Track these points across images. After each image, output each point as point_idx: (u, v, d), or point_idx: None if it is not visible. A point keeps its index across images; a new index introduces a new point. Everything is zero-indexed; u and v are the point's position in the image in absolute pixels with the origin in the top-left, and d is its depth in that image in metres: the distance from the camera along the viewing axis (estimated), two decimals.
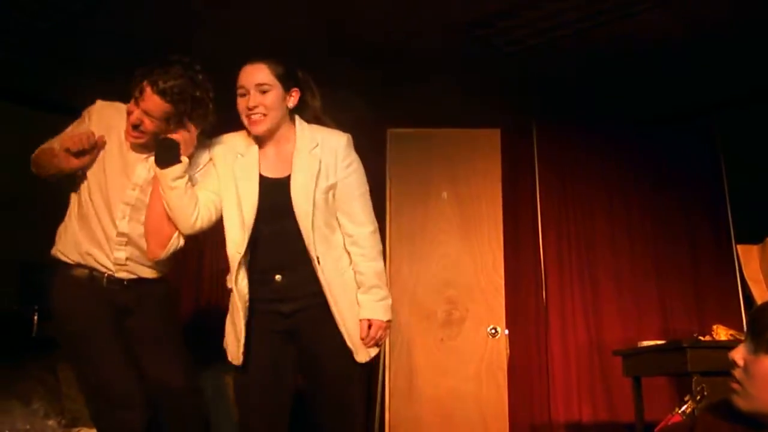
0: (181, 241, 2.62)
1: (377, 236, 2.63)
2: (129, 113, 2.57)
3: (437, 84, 4.85)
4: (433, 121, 5.09)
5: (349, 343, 2.49)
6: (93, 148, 2.62)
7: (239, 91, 2.53)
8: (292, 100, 2.58)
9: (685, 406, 2.72)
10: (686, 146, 5.36)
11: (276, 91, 2.52)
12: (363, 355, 2.52)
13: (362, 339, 2.52)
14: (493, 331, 4.77)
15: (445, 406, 4.67)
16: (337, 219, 2.58)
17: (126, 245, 2.65)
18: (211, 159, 2.65)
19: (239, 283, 2.51)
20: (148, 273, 2.72)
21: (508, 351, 4.82)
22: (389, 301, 2.61)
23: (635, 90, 5.01)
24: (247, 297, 2.51)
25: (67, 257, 2.67)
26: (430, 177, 4.99)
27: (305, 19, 4.07)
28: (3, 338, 4.36)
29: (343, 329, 2.49)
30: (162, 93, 2.47)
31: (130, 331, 2.69)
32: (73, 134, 2.60)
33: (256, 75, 2.52)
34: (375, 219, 2.65)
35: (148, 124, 2.54)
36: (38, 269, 4.63)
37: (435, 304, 4.81)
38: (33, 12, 3.97)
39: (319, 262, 2.48)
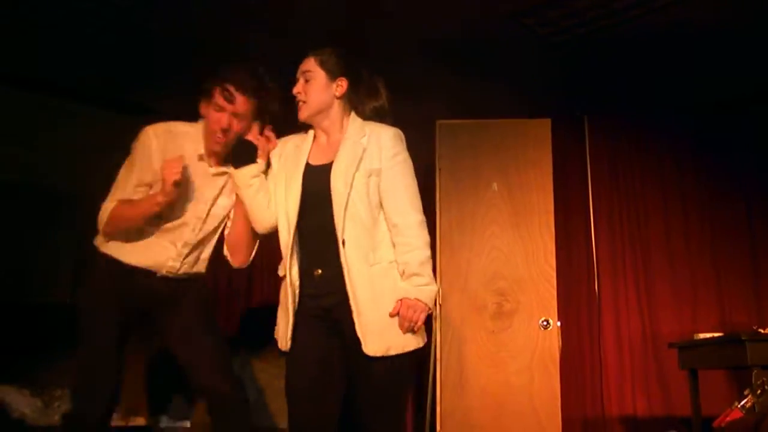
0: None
1: (424, 227, 2.56)
2: (215, 121, 2.66)
3: (486, 74, 4.81)
4: (482, 111, 5.06)
5: (358, 332, 2.42)
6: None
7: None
8: (339, 89, 2.61)
9: (745, 401, 2.66)
10: (744, 136, 5.22)
11: (319, 79, 2.59)
12: (373, 346, 2.42)
13: (393, 316, 2.44)
14: (545, 323, 4.73)
15: (497, 399, 4.65)
16: (383, 212, 2.54)
17: (187, 257, 2.77)
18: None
19: (291, 272, 2.54)
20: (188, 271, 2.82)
21: (560, 343, 4.77)
22: (432, 288, 2.50)
23: (691, 79, 4.89)
24: (297, 285, 2.54)
25: (127, 260, 2.73)
26: (479, 168, 4.95)
27: (351, 10, 4.08)
28: (56, 330, 4.49)
29: (355, 317, 2.43)
30: (245, 90, 2.63)
31: (170, 327, 2.78)
32: (168, 164, 2.59)
33: (304, 64, 2.62)
34: (422, 211, 2.59)
35: (236, 125, 2.67)
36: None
37: (485, 296, 4.79)
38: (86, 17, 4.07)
39: (343, 245, 2.45)
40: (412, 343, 2.49)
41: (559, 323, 4.77)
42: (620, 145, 5.33)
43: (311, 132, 2.67)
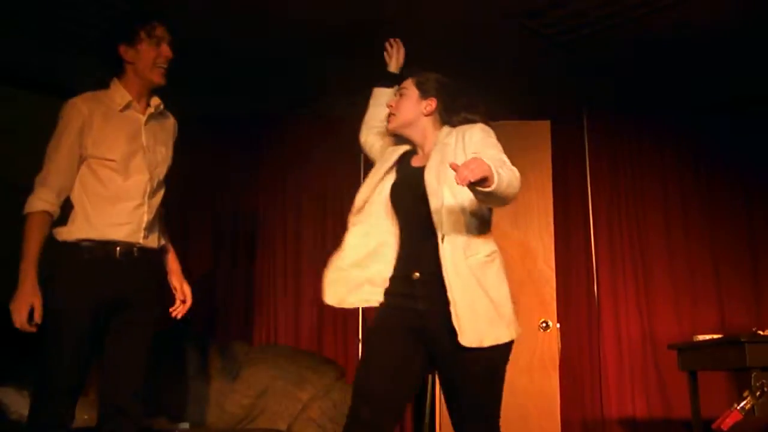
0: None
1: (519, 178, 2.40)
2: (161, 53, 2.80)
3: (487, 75, 4.81)
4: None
5: (454, 323, 2.42)
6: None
7: None
8: (428, 108, 2.72)
9: (744, 402, 2.65)
10: (744, 135, 5.22)
11: (411, 96, 2.74)
12: (468, 336, 2.42)
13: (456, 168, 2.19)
14: (544, 324, 4.73)
15: None
16: (475, 201, 2.49)
17: (150, 220, 2.79)
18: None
19: (383, 273, 2.67)
20: (153, 242, 2.84)
21: (560, 344, 4.77)
22: (513, 174, 2.34)
23: (691, 78, 4.89)
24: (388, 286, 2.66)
25: (93, 238, 2.70)
26: None
27: (351, 11, 4.07)
28: None
29: (451, 307, 2.43)
30: (162, 22, 2.82)
31: (127, 323, 2.75)
32: (19, 307, 2.64)
33: (403, 83, 2.80)
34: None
35: (168, 51, 2.83)
36: None
37: None
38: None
39: (443, 241, 2.49)
40: (504, 335, 2.49)
41: (558, 325, 4.77)
42: (620, 145, 5.33)
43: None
